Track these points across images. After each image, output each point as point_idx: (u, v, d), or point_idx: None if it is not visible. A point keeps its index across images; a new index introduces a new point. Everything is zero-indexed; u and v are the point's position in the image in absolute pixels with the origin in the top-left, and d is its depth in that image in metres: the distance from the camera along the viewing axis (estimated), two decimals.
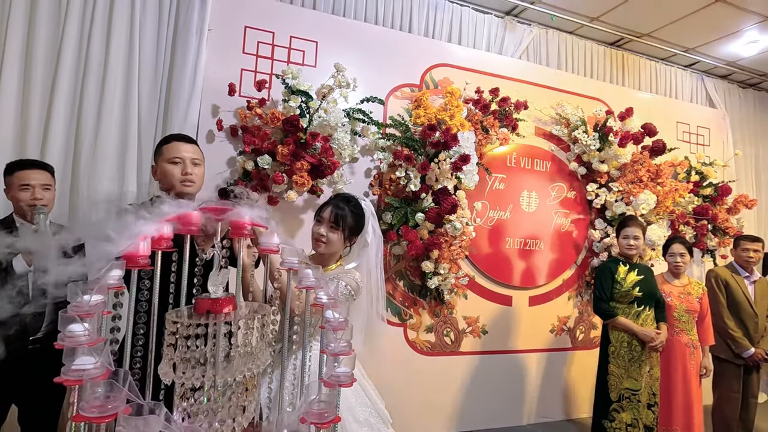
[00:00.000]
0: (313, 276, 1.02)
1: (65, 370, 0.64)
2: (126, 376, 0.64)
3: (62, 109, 2.31)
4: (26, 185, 1.68)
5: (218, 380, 0.74)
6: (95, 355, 0.65)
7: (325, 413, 0.72)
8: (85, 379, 0.62)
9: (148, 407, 0.62)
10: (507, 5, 3.49)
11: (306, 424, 0.69)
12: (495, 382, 3.15)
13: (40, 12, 2.32)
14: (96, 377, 0.63)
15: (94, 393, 0.62)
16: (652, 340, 2.45)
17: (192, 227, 0.97)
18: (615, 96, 3.67)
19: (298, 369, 1.08)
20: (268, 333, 0.88)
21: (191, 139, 1.61)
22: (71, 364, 0.64)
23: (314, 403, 0.73)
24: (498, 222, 3.20)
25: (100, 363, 0.65)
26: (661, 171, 3.30)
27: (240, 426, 0.79)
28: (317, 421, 0.70)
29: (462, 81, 3.09)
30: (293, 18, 2.78)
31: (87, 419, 0.60)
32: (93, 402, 0.61)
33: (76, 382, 0.63)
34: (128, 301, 0.88)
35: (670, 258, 2.80)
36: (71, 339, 0.67)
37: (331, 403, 0.73)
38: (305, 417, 0.71)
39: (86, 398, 0.61)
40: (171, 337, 0.76)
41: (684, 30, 3.74)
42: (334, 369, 0.79)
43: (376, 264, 1.57)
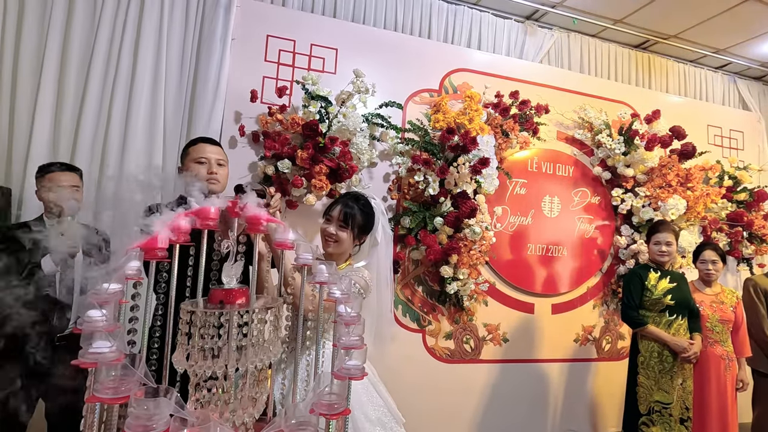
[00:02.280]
0: (326, 272, 1.02)
1: (82, 353, 0.66)
2: (140, 360, 0.65)
3: (91, 115, 2.42)
4: (57, 187, 1.75)
5: (230, 370, 0.75)
6: (111, 339, 0.66)
7: (335, 405, 0.71)
8: (100, 362, 0.64)
9: (162, 391, 0.62)
10: (527, 10, 3.47)
11: (315, 414, 0.69)
12: (517, 391, 3.06)
13: (75, 25, 2.44)
14: (111, 361, 0.65)
15: (108, 375, 0.63)
16: (685, 350, 2.34)
17: (209, 222, 0.99)
18: (641, 99, 3.57)
19: (311, 365, 1.08)
20: (280, 326, 0.88)
21: (216, 141, 1.67)
22: (88, 347, 0.66)
23: (324, 394, 0.73)
24: (519, 228, 3.14)
25: (116, 347, 0.66)
26: (691, 175, 3.18)
27: (251, 417, 0.79)
28: (327, 413, 0.69)
29: (481, 85, 3.07)
30: (314, 26, 2.84)
31: (100, 400, 0.61)
32: (107, 384, 0.62)
33: (92, 365, 0.64)
34: (146, 292, 0.91)
35: (701, 265, 2.68)
36: (89, 324, 0.69)
37: (341, 395, 0.73)
38: (315, 407, 0.70)
39: (101, 380, 0.62)
40: (185, 326, 0.78)
41: (714, 30, 3.62)
42: (345, 362, 0.78)
43: (385, 263, 1.56)
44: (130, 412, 0.58)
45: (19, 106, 2.36)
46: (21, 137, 2.34)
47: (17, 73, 2.37)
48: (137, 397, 0.60)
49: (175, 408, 0.60)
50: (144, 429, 0.58)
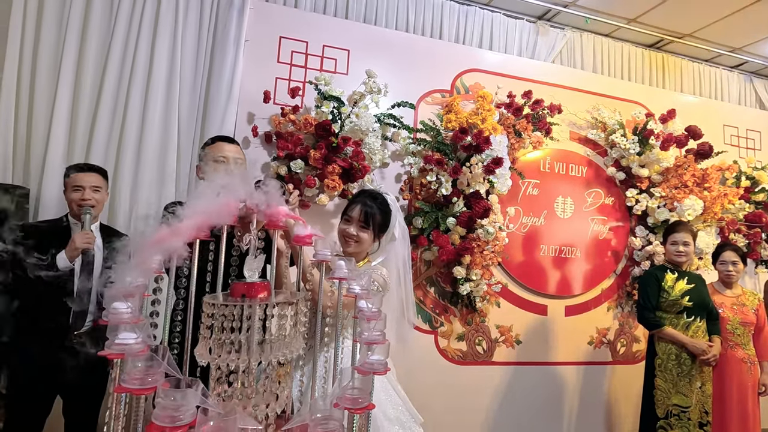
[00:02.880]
0: (345, 267, 1.02)
1: (109, 344, 0.66)
2: (165, 352, 0.65)
3: (106, 116, 2.45)
4: (78, 187, 1.78)
5: (253, 364, 0.74)
6: (137, 331, 0.66)
7: (359, 399, 0.70)
8: (127, 353, 0.63)
9: (186, 382, 0.62)
10: (539, 10, 3.45)
11: (339, 408, 0.68)
12: (530, 395, 3.03)
13: (91, 28, 2.47)
14: (137, 352, 0.65)
15: (134, 366, 0.63)
16: (703, 353, 2.29)
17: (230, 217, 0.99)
18: (655, 99, 3.53)
19: (330, 362, 1.07)
20: (300, 321, 0.87)
21: (234, 140, 1.68)
22: (114, 338, 0.66)
23: (348, 389, 0.72)
24: (532, 228, 3.11)
25: (141, 338, 0.66)
26: (707, 175, 3.13)
27: (273, 412, 0.78)
28: (351, 407, 0.69)
29: (493, 86, 3.06)
30: (326, 27, 2.85)
31: (127, 390, 0.61)
32: (134, 375, 0.62)
33: (118, 356, 0.64)
34: (167, 287, 0.91)
35: (721, 266, 2.64)
36: (115, 315, 0.69)
37: (365, 390, 0.72)
38: (339, 402, 0.69)
39: (127, 371, 0.62)
40: (208, 320, 0.77)
41: (729, 29, 3.57)
42: (368, 357, 0.77)
43: (404, 258, 1.55)
44: (157, 403, 0.58)
45: (37, 107, 2.39)
46: (39, 138, 2.38)
47: (35, 75, 2.40)
48: (164, 388, 0.60)
49: (202, 399, 0.60)
50: (171, 420, 0.58)
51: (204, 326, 0.79)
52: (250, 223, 1.05)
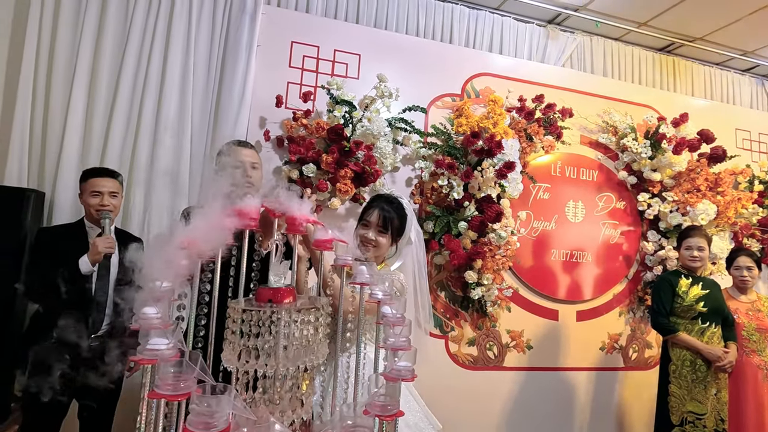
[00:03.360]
0: (367, 272, 1.01)
1: (140, 349, 0.66)
2: (197, 357, 0.65)
3: (121, 121, 2.47)
4: (97, 192, 1.79)
5: (281, 369, 0.74)
6: (168, 336, 0.67)
7: (388, 406, 0.70)
8: (160, 358, 0.64)
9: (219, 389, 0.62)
10: (549, 14, 3.45)
11: (370, 415, 0.68)
12: (541, 400, 3.00)
13: (106, 33, 2.50)
14: (169, 357, 0.65)
15: (167, 372, 0.63)
16: (719, 359, 2.26)
17: (251, 222, 1.00)
18: (666, 103, 3.51)
19: (351, 368, 1.07)
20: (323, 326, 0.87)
21: (250, 145, 1.69)
22: (146, 344, 0.66)
23: (376, 396, 0.71)
24: (542, 233, 3.09)
25: (173, 344, 0.66)
26: (720, 179, 3.10)
27: (299, 418, 0.78)
28: (381, 414, 0.68)
29: (504, 90, 3.06)
30: (337, 32, 2.87)
31: (161, 396, 0.61)
32: (166, 381, 0.62)
33: (151, 361, 0.64)
34: (191, 292, 0.91)
35: (735, 272, 2.61)
36: (145, 321, 0.69)
37: (393, 397, 0.71)
38: (369, 409, 0.69)
39: (160, 377, 0.62)
40: (234, 325, 0.77)
41: (740, 32, 3.55)
42: (395, 363, 0.77)
43: (420, 262, 1.55)
44: (192, 409, 0.58)
45: (52, 112, 2.42)
46: (53, 143, 2.40)
47: (51, 80, 2.43)
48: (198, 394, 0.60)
49: (235, 406, 0.60)
50: (205, 426, 0.57)
51: (230, 331, 0.79)
52: (271, 228, 1.05)
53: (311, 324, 0.85)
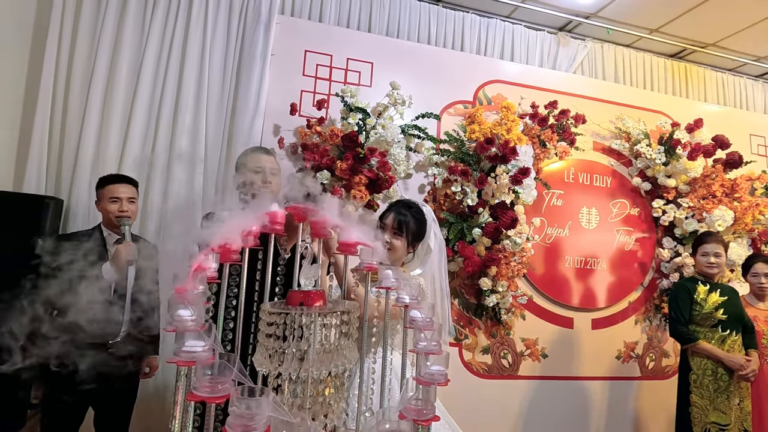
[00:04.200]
0: (393, 276, 1.01)
1: (176, 351, 0.66)
2: (234, 359, 0.64)
3: (139, 129, 2.50)
4: (116, 198, 1.81)
5: (313, 372, 0.74)
6: (204, 338, 0.66)
7: (423, 410, 0.69)
8: (198, 360, 0.63)
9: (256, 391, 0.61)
10: (560, 21, 3.46)
11: (407, 420, 0.67)
12: (557, 410, 2.95)
13: (123, 44, 2.54)
14: (206, 360, 0.64)
15: (204, 374, 0.63)
16: (741, 368, 2.22)
17: (277, 226, 0.99)
18: (679, 108, 3.49)
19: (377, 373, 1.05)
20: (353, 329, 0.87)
21: (270, 151, 1.70)
22: (182, 346, 0.66)
23: (412, 400, 0.70)
24: (556, 239, 3.07)
25: (209, 346, 0.66)
26: (737, 185, 3.07)
27: (331, 422, 0.77)
28: (417, 418, 0.67)
29: (516, 97, 3.06)
30: (350, 41, 2.90)
31: (200, 398, 0.61)
32: (204, 382, 0.62)
33: (188, 363, 0.64)
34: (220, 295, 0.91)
35: (752, 278, 2.56)
36: (180, 323, 0.69)
37: (428, 401, 0.70)
38: (405, 413, 0.68)
39: (198, 379, 0.62)
40: (268, 328, 0.77)
41: (753, 38, 3.53)
42: (428, 367, 0.76)
43: (439, 269, 1.54)
44: (231, 411, 0.57)
45: (70, 121, 2.46)
46: (70, 151, 2.43)
47: (69, 90, 2.47)
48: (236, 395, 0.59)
49: (274, 408, 0.59)
50: (244, 429, 0.57)
51: (263, 334, 0.78)
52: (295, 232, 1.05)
53: (341, 327, 0.84)
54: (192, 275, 0.79)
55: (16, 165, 2.47)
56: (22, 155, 2.44)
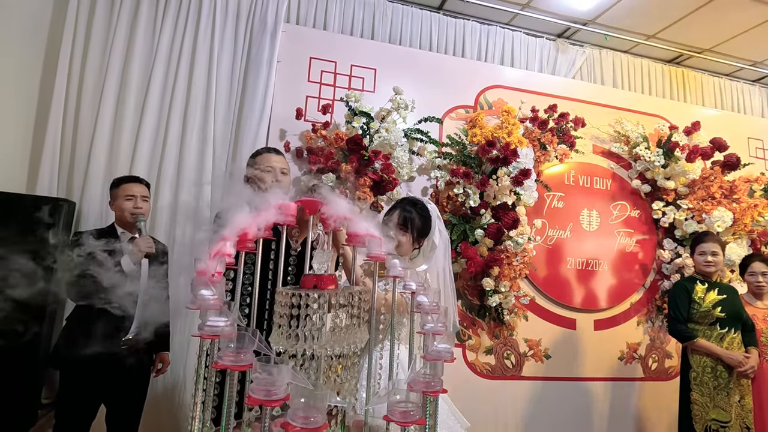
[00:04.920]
0: (400, 266, 1.05)
1: (201, 326, 0.71)
2: (255, 333, 0.69)
3: (149, 134, 2.57)
4: (130, 196, 1.88)
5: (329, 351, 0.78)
6: (226, 314, 0.71)
7: (431, 383, 0.73)
8: (221, 334, 0.68)
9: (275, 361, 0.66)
10: (558, 28, 3.54)
11: (415, 391, 0.71)
12: (560, 411, 2.97)
13: (135, 50, 2.62)
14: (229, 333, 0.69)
15: (227, 347, 0.68)
16: (740, 364, 2.24)
17: (290, 217, 1.05)
18: (677, 112, 3.55)
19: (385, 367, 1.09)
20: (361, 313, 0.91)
21: (280, 152, 1.76)
22: (206, 321, 0.71)
23: (420, 374, 0.75)
24: (557, 241, 3.11)
25: (231, 321, 0.71)
26: (735, 187, 3.11)
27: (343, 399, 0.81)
28: (426, 389, 0.72)
29: (516, 101, 3.12)
30: (353, 48, 2.97)
31: (225, 367, 0.65)
32: (228, 354, 0.67)
33: (213, 337, 0.69)
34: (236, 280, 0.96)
35: (750, 277, 2.60)
36: (203, 301, 0.74)
37: (436, 375, 0.75)
38: (413, 385, 0.72)
39: (223, 350, 0.67)
40: (284, 309, 0.82)
41: (749, 43, 3.60)
42: (435, 345, 0.81)
43: (445, 266, 1.58)
44: (255, 378, 0.62)
45: (82, 125, 2.53)
46: (82, 154, 2.50)
47: (81, 96, 2.55)
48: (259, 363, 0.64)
49: (293, 376, 0.64)
50: (266, 394, 0.61)
51: (278, 315, 0.83)
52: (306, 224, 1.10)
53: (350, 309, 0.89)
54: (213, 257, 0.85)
55: (30, 168, 2.54)
56: (35, 158, 2.51)
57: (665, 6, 3.23)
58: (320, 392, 0.62)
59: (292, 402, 0.61)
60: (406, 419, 0.66)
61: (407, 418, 0.65)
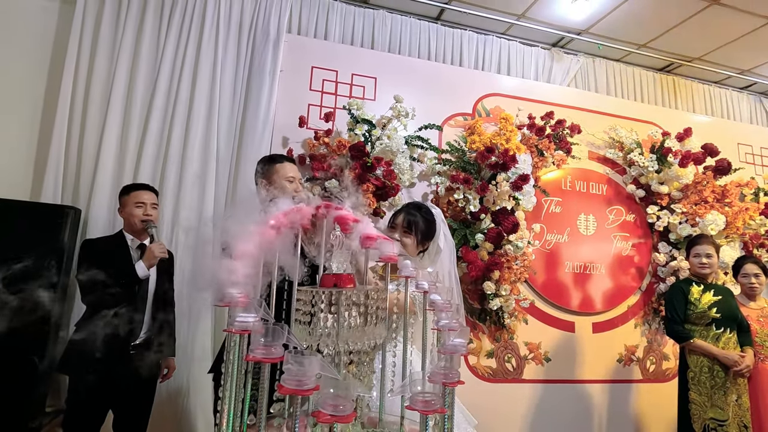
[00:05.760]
0: (411, 266, 1.10)
1: (230, 322, 0.74)
2: (285, 328, 0.73)
3: (153, 142, 2.61)
4: (140, 203, 1.91)
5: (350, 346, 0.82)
6: (254, 311, 0.75)
7: (450, 374, 0.77)
8: (252, 329, 0.72)
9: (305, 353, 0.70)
10: (553, 37, 3.63)
11: (435, 383, 0.75)
12: (561, 412, 3.00)
13: (141, 60, 2.67)
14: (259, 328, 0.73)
15: (257, 342, 0.71)
16: (736, 363, 2.29)
17: (305, 220, 1.09)
18: (669, 119, 3.64)
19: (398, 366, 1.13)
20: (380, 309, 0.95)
21: (294, 160, 1.81)
22: (235, 318, 0.74)
23: (438, 367, 0.79)
24: (556, 245, 3.17)
25: (259, 317, 0.74)
26: (727, 191, 3.19)
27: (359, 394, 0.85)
28: (445, 381, 0.75)
29: (513, 109, 3.19)
30: (354, 57, 3.04)
31: (257, 359, 0.69)
32: (259, 347, 0.70)
33: (244, 332, 0.73)
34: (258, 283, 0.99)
35: (743, 279, 2.66)
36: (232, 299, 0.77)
37: (453, 367, 0.79)
38: (432, 377, 0.76)
39: (254, 344, 0.70)
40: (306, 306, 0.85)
41: (737, 52, 3.71)
42: (451, 339, 0.85)
43: (450, 269, 1.62)
44: (286, 369, 0.66)
45: (88, 134, 2.56)
46: (88, 162, 2.53)
47: (87, 104, 2.58)
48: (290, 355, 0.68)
49: (323, 367, 0.67)
50: (297, 384, 0.65)
51: (300, 312, 0.87)
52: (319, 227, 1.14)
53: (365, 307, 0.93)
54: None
55: (34, 175, 2.56)
56: (40, 166, 2.53)
57: (656, 16, 3.33)
58: (348, 382, 0.65)
59: (322, 391, 0.65)
60: (428, 408, 0.69)
61: (429, 407, 0.69)
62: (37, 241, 2.09)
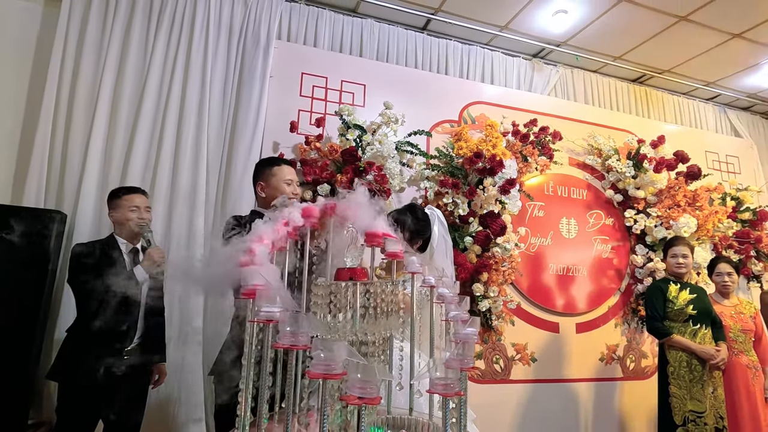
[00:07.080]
0: (417, 262, 1.14)
1: (255, 313, 0.76)
2: (310, 317, 0.75)
3: (142, 147, 2.58)
4: (135, 207, 1.88)
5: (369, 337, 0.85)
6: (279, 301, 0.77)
7: (464, 360, 0.81)
8: (279, 319, 0.74)
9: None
10: (534, 48, 3.77)
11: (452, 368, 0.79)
12: (548, 411, 3.07)
13: (129, 65, 2.64)
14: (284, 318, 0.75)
15: (284, 330, 0.74)
16: (712, 357, 2.42)
17: (313, 219, 1.12)
18: (643, 128, 3.83)
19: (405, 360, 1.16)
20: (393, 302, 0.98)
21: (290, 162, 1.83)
22: (261, 308, 0.77)
23: (453, 354, 0.82)
24: (540, 248, 3.27)
25: (284, 307, 0.77)
26: (698, 196, 3.38)
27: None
28: (461, 366, 0.79)
29: (497, 116, 3.30)
30: (344, 65, 3.09)
31: (283, 347, 0.71)
32: (286, 335, 0.73)
33: (269, 322, 0.75)
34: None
35: (717, 278, 2.81)
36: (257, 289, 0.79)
37: (467, 354, 0.83)
38: (449, 364, 0.80)
39: (281, 332, 0.73)
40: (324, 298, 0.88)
41: (703, 65, 3.95)
42: (463, 328, 0.89)
43: (447, 270, 1.66)
44: (315, 355, 0.68)
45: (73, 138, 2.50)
46: (74, 166, 2.47)
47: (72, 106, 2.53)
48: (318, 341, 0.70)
49: (349, 353, 0.70)
50: (325, 369, 0.68)
51: (315, 304, 0.90)
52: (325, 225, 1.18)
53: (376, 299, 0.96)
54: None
55: (15, 179, 2.49)
56: (21, 170, 2.47)
57: (630, 30, 3.52)
58: (374, 366, 0.68)
59: (349, 376, 0.68)
60: (448, 391, 0.73)
61: (449, 390, 0.73)
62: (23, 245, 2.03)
